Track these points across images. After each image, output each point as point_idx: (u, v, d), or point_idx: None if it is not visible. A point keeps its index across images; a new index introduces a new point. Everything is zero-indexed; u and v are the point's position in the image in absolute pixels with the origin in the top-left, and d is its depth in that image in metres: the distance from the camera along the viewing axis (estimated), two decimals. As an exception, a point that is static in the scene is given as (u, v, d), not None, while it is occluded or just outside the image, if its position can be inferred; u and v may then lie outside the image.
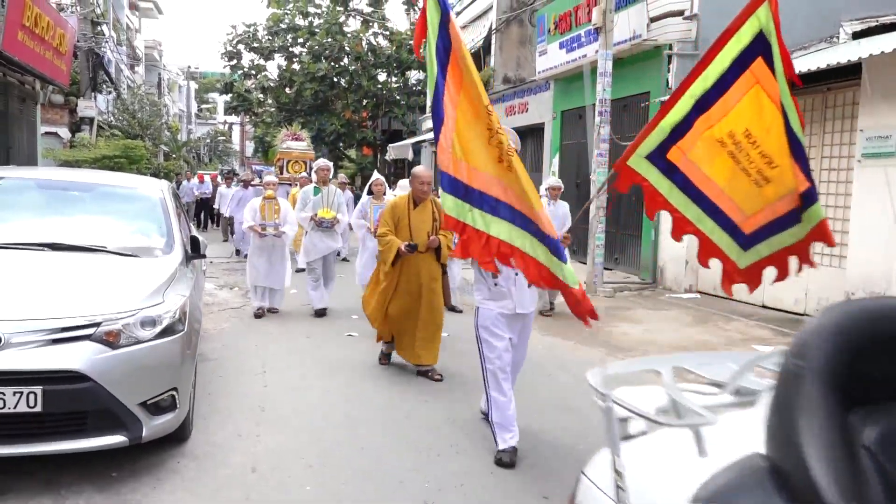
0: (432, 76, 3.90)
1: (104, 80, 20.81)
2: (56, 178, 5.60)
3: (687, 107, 3.79)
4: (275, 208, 8.44)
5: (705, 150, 3.83)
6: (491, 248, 3.80)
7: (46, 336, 3.46)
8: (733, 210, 3.88)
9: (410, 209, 5.95)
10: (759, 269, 4.02)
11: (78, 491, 3.53)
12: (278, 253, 8.52)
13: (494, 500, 3.69)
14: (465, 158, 3.83)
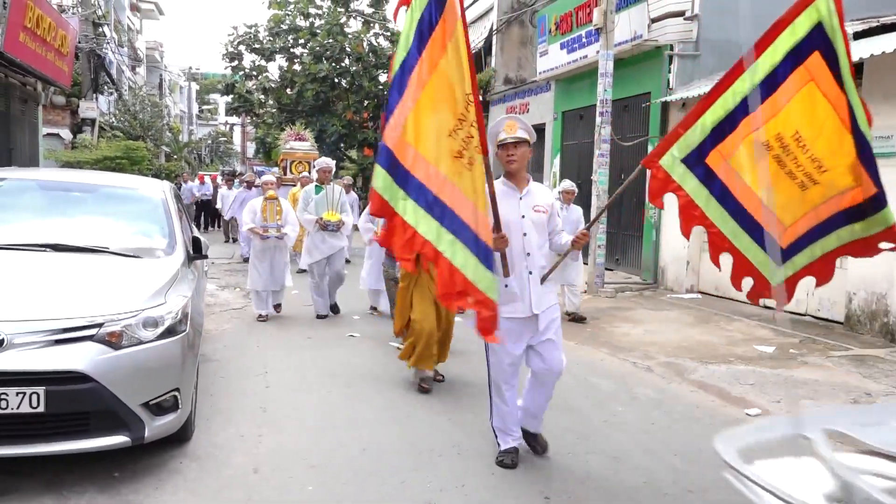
0: (405, 46, 3.52)
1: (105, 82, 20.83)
2: (58, 178, 5.61)
3: (730, 105, 3.55)
4: (276, 209, 8.25)
5: (748, 155, 3.59)
6: (415, 245, 3.55)
7: (49, 337, 3.46)
8: (772, 223, 3.65)
9: None
10: (794, 283, 3.81)
11: (80, 492, 3.54)
12: (280, 255, 8.34)
13: (496, 500, 3.69)
14: (416, 144, 3.51)
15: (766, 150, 3.55)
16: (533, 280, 3.99)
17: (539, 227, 4.06)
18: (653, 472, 4.14)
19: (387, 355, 6.79)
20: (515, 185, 4.08)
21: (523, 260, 3.97)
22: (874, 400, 5.64)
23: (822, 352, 7.25)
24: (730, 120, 3.56)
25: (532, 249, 4.00)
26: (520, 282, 3.97)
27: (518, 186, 4.06)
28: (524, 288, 3.97)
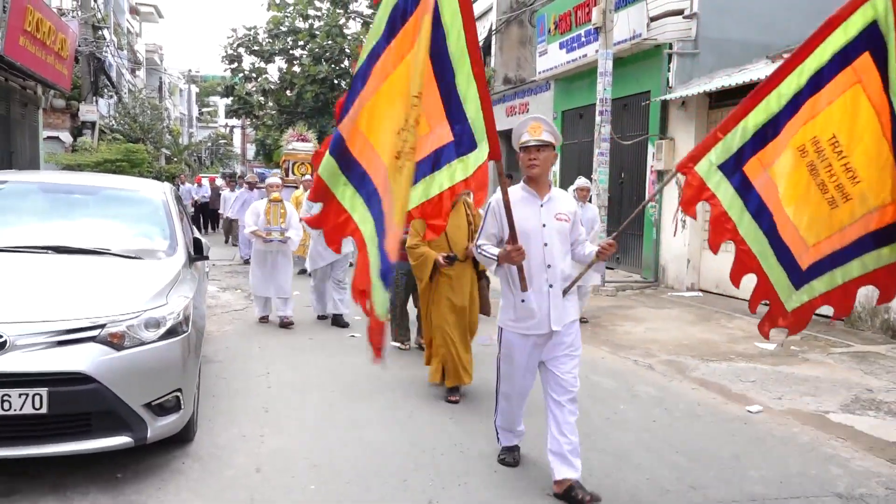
0: (376, 34, 3.30)
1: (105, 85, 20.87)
2: (59, 181, 5.63)
3: (774, 108, 3.30)
4: (280, 212, 8.01)
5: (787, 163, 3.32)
6: (346, 229, 3.34)
7: (51, 338, 3.48)
8: (795, 241, 3.41)
9: None
10: (809, 310, 3.55)
11: (83, 492, 3.55)
12: (282, 259, 8.07)
13: (498, 498, 3.70)
14: (367, 133, 3.28)
15: (801, 156, 3.31)
16: (553, 294, 3.72)
17: (561, 237, 3.79)
18: (655, 470, 4.15)
19: (388, 355, 6.79)
20: (536, 192, 3.81)
21: (543, 272, 3.71)
22: (875, 396, 5.65)
23: (823, 349, 7.26)
24: (773, 124, 3.31)
25: (553, 260, 3.74)
26: (538, 296, 3.71)
27: (539, 193, 3.80)
28: (543, 303, 3.70)
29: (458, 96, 3.19)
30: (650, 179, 11.81)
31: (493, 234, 3.84)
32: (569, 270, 3.84)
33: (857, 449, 4.57)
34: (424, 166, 3.20)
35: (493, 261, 3.73)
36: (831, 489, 3.94)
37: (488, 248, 3.78)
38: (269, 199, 8.10)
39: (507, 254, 3.59)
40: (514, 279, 3.71)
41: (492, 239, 3.84)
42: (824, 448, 4.57)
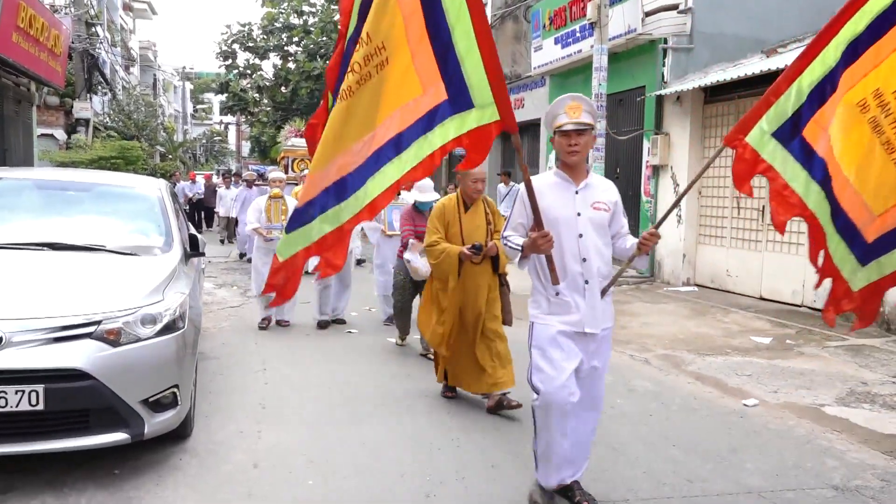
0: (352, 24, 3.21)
1: (99, 82, 20.80)
2: (54, 178, 5.61)
3: (831, 60, 2.89)
4: (282, 208, 7.82)
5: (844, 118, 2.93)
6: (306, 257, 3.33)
7: (47, 335, 3.47)
8: (857, 209, 3.00)
9: (461, 212, 5.07)
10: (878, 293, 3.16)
11: (81, 489, 3.55)
12: None
13: (496, 492, 3.71)
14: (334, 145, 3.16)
15: (861, 111, 2.90)
16: (589, 291, 3.36)
17: (599, 228, 3.42)
18: (651, 463, 4.16)
19: (385, 351, 6.81)
20: (571, 178, 3.43)
21: (577, 266, 3.35)
22: (870, 389, 5.67)
23: (818, 342, 7.28)
24: (830, 79, 2.90)
25: (589, 254, 3.37)
26: (572, 291, 3.36)
27: (574, 179, 3.42)
28: (579, 299, 3.36)
29: (456, 55, 2.97)
30: (645, 174, 11.82)
31: (522, 223, 3.47)
32: (607, 268, 3.48)
33: (852, 441, 4.59)
34: (418, 128, 3.03)
35: (517, 251, 3.36)
36: (827, 481, 3.96)
37: (514, 239, 3.41)
38: (270, 196, 7.90)
39: (532, 241, 3.22)
40: (545, 270, 3.35)
41: (519, 229, 3.48)
42: (820, 441, 4.59)
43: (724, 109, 10.57)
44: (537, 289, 3.47)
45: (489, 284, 4.99)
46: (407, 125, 3.01)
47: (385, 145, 3.04)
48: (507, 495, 3.68)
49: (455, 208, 5.09)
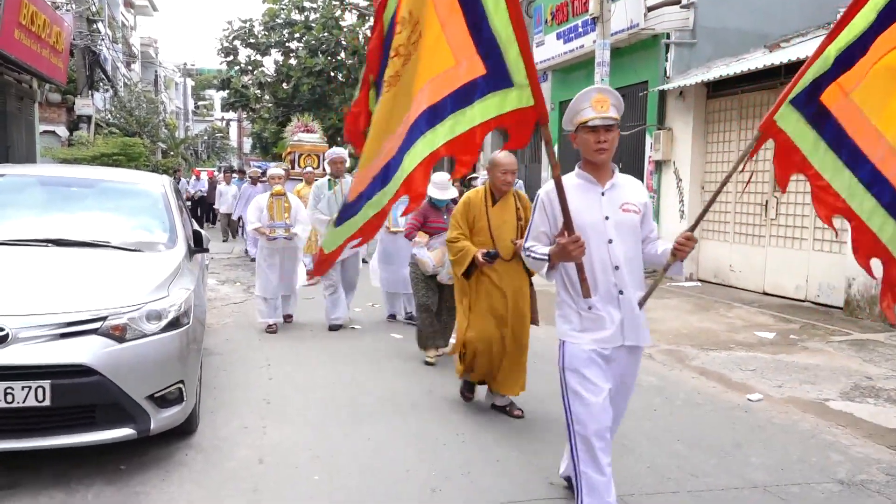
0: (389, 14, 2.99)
1: (101, 78, 20.78)
2: (58, 174, 5.61)
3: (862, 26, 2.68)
4: (284, 206, 7.40)
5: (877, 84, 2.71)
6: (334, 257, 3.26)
7: (53, 331, 3.47)
8: None
9: (488, 206, 4.77)
10: None
11: (88, 484, 3.56)
12: (290, 257, 7.53)
13: (500, 487, 3.71)
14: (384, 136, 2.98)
15: None
16: (625, 303, 3.04)
17: (630, 232, 3.10)
18: (656, 458, 4.16)
19: (389, 346, 6.81)
20: (595, 178, 3.12)
21: (609, 275, 3.03)
22: (874, 384, 5.67)
23: (822, 337, 7.28)
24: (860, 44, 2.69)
25: (621, 261, 3.05)
26: (606, 304, 3.04)
27: (599, 179, 3.12)
28: (614, 311, 3.04)
29: (490, 27, 2.73)
30: (648, 170, 11.81)
31: (544, 231, 3.18)
32: (641, 276, 3.16)
33: (857, 436, 4.59)
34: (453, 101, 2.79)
35: (544, 262, 3.05)
36: (832, 476, 3.96)
37: (538, 249, 3.11)
38: (272, 193, 7.52)
39: (561, 248, 2.87)
40: (574, 282, 3.01)
41: (542, 238, 3.18)
42: (824, 435, 4.59)
43: (727, 104, 10.55)
44: (566, 302, 3.13)
45: (520, 284, 4.74)
46: (440, 97, 2.78)
47: (419, 118, 2.82)
48: (513, 490, 3.69)
49: (482, 202, 4.78)
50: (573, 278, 3.02)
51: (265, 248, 7.43)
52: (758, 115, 9.83)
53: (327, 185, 7.55)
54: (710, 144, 10.89)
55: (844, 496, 3.73)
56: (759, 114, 9.81)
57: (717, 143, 10.80)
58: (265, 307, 7.35)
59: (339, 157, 7.59)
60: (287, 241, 7.39)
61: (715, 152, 10.82)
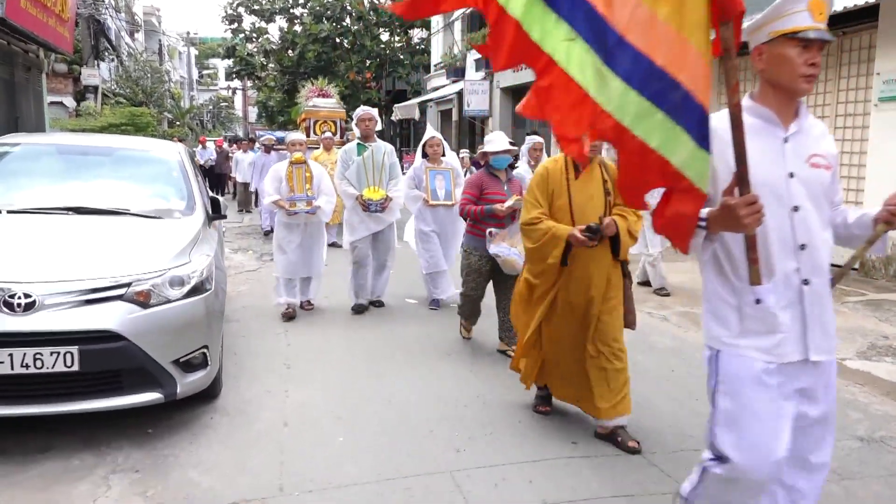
0: None
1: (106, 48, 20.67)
2: (74, 143, 5.60)
3: None
4: (306, 175, 6.44)
5: None
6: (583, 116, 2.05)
7: (79, 297, 3.50)
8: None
9: (570, 178, 3.80)
10: None
11: (117, 447, 3.62)
12: (314, 233, 6.59)
13: (524, 446, 3.75)
14: None
15: None
16: (811, 297, 2.21)
17: (820, 196, 2.25)
18: (676, 417, 4.20)
19: (403, 311, 6.84)
20: (778, 117, 2.24)
21: (791, 257, 2.21)
22: (891, 343, 5.68)
23: (837, 297, 7.24)
24: None
25: (811, 237, 2.22)
26: (785, 295, 2.20)
27: (783, 119, 2.25)
28: (794, 309, 2.21)
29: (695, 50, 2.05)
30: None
31: None
32: (829, 258, 2.29)
33: (875, 394, 4.61)
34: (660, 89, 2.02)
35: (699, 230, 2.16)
36: (852, 433, 3.99)
37: None
38: (291, 161, 6.51)
39: (727, 211, 2.02)
40: (737, 262, 2.22)
41: None
42: (843, 394, 4.61)
43: (742, 65, 10.41)
44: (720, 295, 2.28)
45: (608, 275, 3.79)
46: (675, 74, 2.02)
47: None
48: (535, 450, 3.72)
49: (562, 173, 3.81)
50: (736, 258, 2.21)
51: (283, 223, 6.53)
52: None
53: (356, 149, 6.69)
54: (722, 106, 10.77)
55: (864, 452, 3.76)
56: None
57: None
58: (283, 288, 6.54)
59: (368, 115, 6.76)
60: (309, 216, 6.45)
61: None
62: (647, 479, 3.41)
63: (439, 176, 6.79)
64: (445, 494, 3.24)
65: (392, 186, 6.66)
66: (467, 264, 5.39)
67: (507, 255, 4.96)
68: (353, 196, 6.53)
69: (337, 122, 13.48)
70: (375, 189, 6.53)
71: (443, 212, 6.79)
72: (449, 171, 6.80)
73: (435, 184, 6.76)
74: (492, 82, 19.52)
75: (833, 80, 8.57)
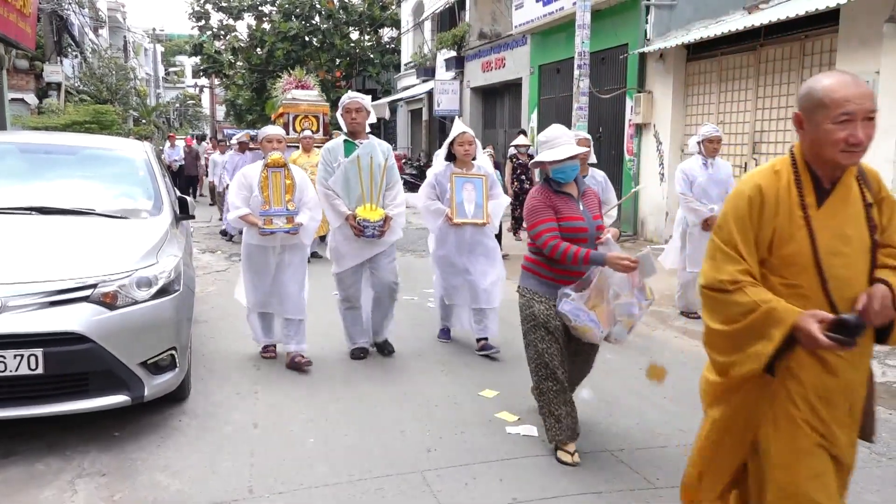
0: None
1: (69, 44, 20.28)
2: (37, 141, 5.49)
3: None
4: (285, 183, 4.87)
5: None
6: None
7: (44, 299, 3.44)
8: None
9: (807, 205, 2.17)
10: None
11: (83, 451, 3.56)
12: (292, 259, 4.98)
13: (495, 446, 3.77)
14: None
15: None
16: None
17: None
18: (644, 414, 4.26)
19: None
20: None
21: None
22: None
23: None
24: None
25: None
26: None
27: None
28: None
29: None
30: (628, 133, 11.84)
31: None
32: None
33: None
34: None
35: None
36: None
37: None
38: (267, 164, 4.86)
39: None
40: None
41: None
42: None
43: (706, 67, 10.57)
44: None
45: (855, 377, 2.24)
46: None
47: None
48: (506, 448, 3.75)
49: (792, 197, 2.19)
50: None
51: (254, 244, 4.95)
52: (737, 77, 9.88)
53: (342, 147, 5.05)
54: (689, 107, 10.93)
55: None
56: (738, 76, 9.85)
57: (696, 105, 10.83)
58: (258, 324, 5.20)
59: (356, 103, 5.08)
60: (289, 236, 4.89)
61: (695, 115, 10.86)
62: (616, 477, 3.46)
63: (468, 185, 5.23)
64: (416, 494, 3.25)
65: (391, 200, 5.08)
66: (530, 315, 3.61)
67: (580, 323, 3.43)
68: (343, 216, 4.95)
69: (319, 117, 11.70)
70: (372, 207, 4.95)
71: (471, 233, 5.25)
72: (481, 178, 5.25)
73: (462, 195, 5.19)
74: (462, 82, 19.57)
75: (795, 82, 8.75)
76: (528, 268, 3.73)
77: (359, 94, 5.29)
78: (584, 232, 3.55)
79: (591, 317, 3.44)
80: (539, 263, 3.64)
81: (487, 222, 5.26)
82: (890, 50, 7.23)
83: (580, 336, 3.52)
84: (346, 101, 5.14)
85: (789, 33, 8.63)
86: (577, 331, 3.49)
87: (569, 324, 3.49)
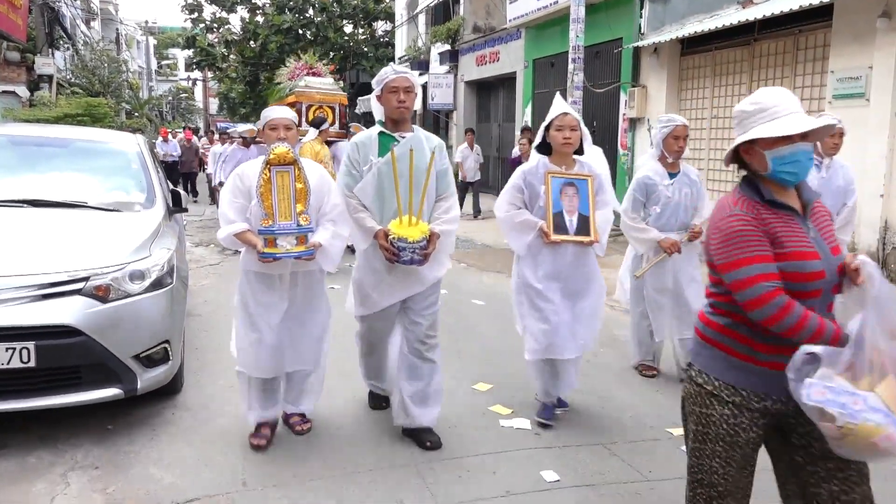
0: None
1: (61, 36, 20.15)
2: (29, 133, 5.47)
3: None
4: (296, 186, 3.45)
5: None
6: None
7: (36, 292, 3.43)
8: None
9: None
10: None
11: (76, 444, 3.56)
12: (308, 291, 3.71)
13: (488, 438, 3.79)
14: None
15: None
16: None
17: None
18: (637, 408, 4.27)
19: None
20: None
21: None
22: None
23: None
24: None
25: None
26: None
27: None
28: None
29: None
30: (622, 127, 11.85)
31: None
32: None
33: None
34: None
35: None
36: (806, 421, 4.09)
37: None
38: (269, 161, 3.41)
39: None
40: None
41: None
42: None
43: (700, 61, 10.58)
44: None
45: None
46: None
47: None
48: (497, 442, 3.76)
49: None
50: None
51: (254, 274, 3.56)
52: (731, 71, 9.89)
53: (377, 142, 3.63)
54: (683, 101, 10.93)
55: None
56: (732, 70, 9.86)
57: (691, 100, 10.84)
58: (254, 392, 3.68)
59: (406, 81, 3.61)
60: (302, 261, 3.53)
61: (689, 109, 10.87)
62: (608, 469, 3.47)
63: (570, 189, 3.87)
64: (410, 487, 3.25)
65: (442, 213, 3.66)
66: (704, 418, 2.17)
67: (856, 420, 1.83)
68: (371, 232, 3.55)
69: (336, 107, 10.09)
70: (413, 221, 3.49)
71: (573, 253, 3.87)
72: (586, 179, 3.89)
73: (562, 203, 3.84)
74: (456, 75, 19.53)
75: (789, 77, 8.76)
76: (710, 339, 2.18)
77: (402, 67, 3.74)
78: (820, 279, 2.01)
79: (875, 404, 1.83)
80: (735, 335, 2.11)
81: (596, 240, 3.86)
82: (883, 45, 7.24)
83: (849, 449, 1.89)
84: (391, 77, 3.60)
85: (783, 28, 8.64)
86: (850, 440, 1.86)
87: (829, 425, 1.87)
